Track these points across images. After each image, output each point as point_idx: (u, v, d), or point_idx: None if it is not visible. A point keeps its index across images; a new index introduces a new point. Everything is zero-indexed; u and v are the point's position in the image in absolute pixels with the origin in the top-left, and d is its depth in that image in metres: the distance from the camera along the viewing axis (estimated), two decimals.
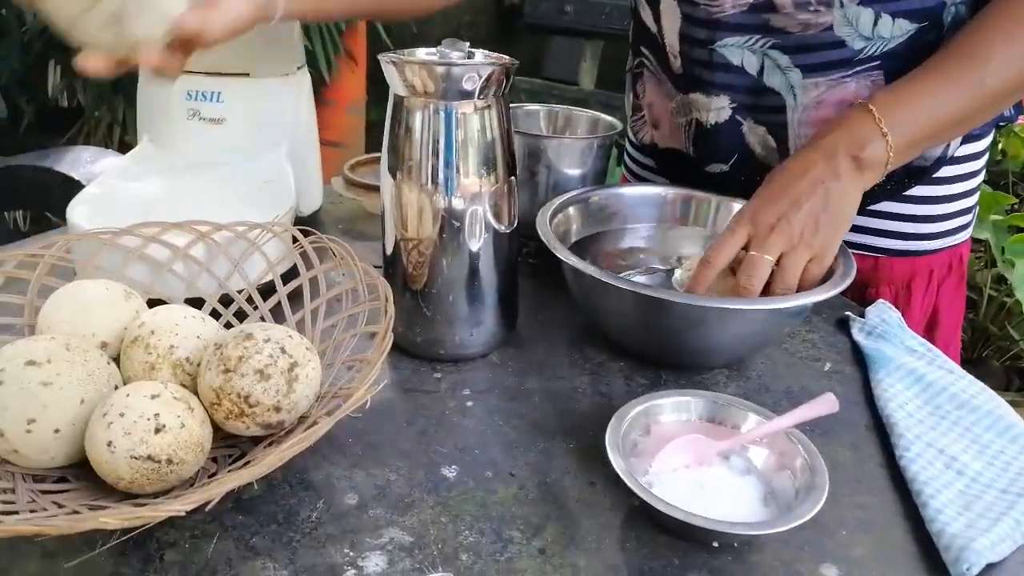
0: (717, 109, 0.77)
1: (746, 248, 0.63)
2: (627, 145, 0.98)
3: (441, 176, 0.60)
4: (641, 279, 0.75)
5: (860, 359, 0.71)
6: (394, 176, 0.62)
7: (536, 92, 2.11)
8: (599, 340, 0.70)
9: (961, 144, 0.77)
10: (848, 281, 0.63)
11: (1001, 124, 0.80)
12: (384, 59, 0.58)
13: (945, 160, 0.77)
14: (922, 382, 0.65)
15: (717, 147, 0.81)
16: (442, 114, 0.59)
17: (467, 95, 0.59)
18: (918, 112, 0.63)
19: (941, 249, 0.82)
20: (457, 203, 0.61)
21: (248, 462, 0.49)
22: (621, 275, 0.70)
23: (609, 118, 0.86)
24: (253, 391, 0.48)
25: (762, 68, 0.74)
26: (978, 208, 0.85)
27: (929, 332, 0.84)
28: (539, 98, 0.85)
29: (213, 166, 0.81)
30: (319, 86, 2.33)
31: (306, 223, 0.88)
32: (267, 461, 0.42)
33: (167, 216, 0.67)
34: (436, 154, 0.60)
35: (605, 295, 0.64)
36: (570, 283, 0.68)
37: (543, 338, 0.71)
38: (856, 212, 0.65)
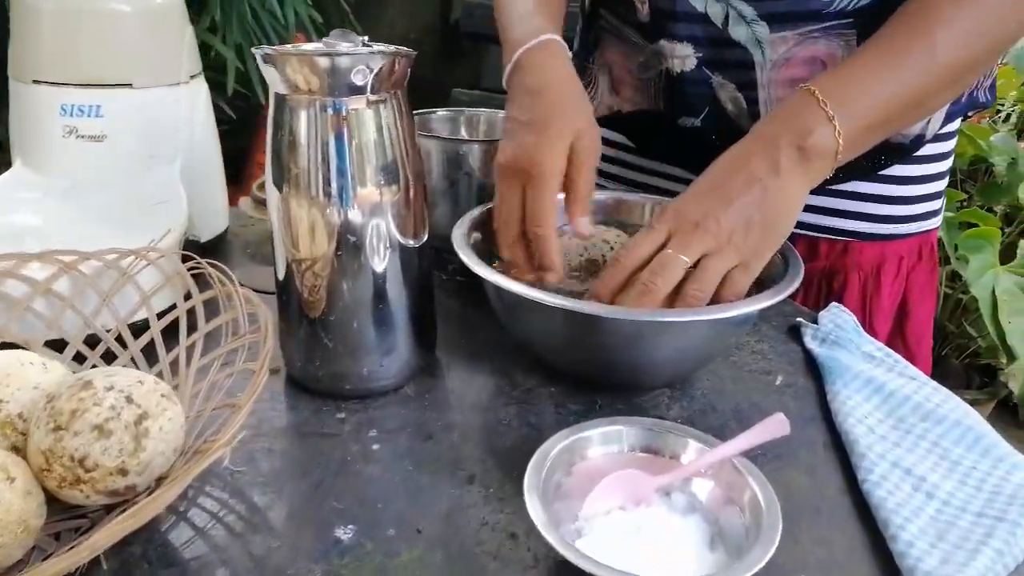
0: (682, 57, 0.73)
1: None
2: None
3: (333, 186, 0.53)
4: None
5: (814, 369, 0.64)
6: (280, 189, 0.54)
7: (476, 103, 2.04)
8: (529, 363, 0.63)
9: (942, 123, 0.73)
10: (797, 282, 0.56)
11: (976, 110, 0.74)
12: (259, 52, 0.51)
13: (925, 138, 0.72)
14: (882, 392, 0.59)
15: (686, 99, 0.76)
16: (330, 112, 0.51)
17: (358, 90, 0.51)
18: (867, 92, 0.57)
19: (912, 234, 0.77)
20: (354, 216, 0.53)
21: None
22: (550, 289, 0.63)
23: None
24: (90, 452, 0.39)
25: (727, 18, 0.69)
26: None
27: (899, 324, 0.78)
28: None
29: (96, 188, 0.72)
30: (258, 108, 2.24)
31: (209, 248, 0.80)
32: (91, 542, 0.34)
33: (43, 248, 0.58)
34: (326, 160, 0.52)
35: (530, 313, 0.57)
36: (493, 302, 0.60)
37: (466, 364, 0.63)
38: (800, 211, 0.58)
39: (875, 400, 0.59)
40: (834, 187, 0.74)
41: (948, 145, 0.75)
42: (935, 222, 0.78)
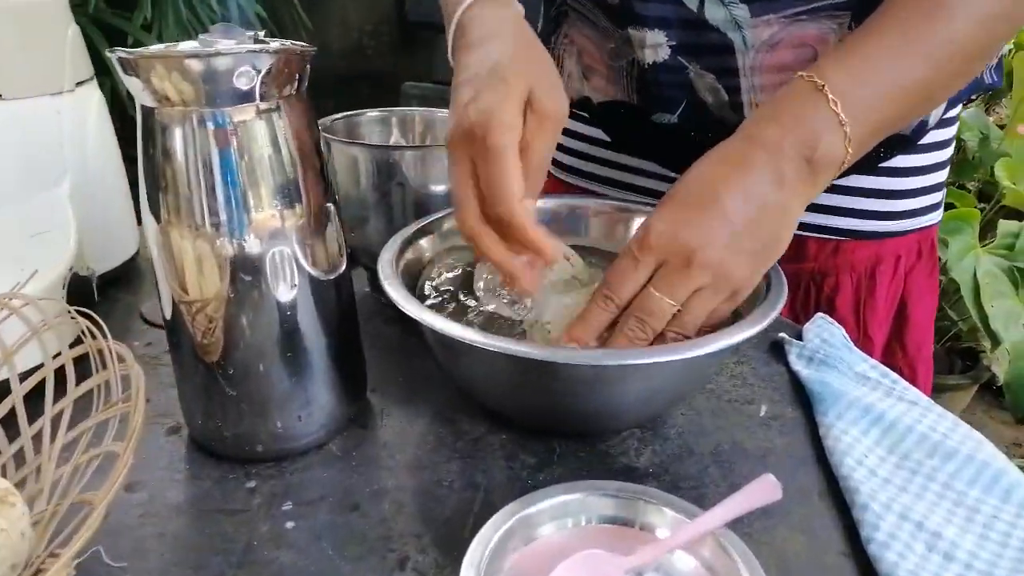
0: (654, 47, 0.63)
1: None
2: None
3: (222, 213, 0.43)
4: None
5: (802, 395, 0.57)
6: (157, 218, 0.44)
7: (427, 97, 1.94)
8: (476, 405, 0.54)
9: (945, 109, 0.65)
10: (781, 304, 0.48)
11: (981, 92, 0.67)
12: (113, 56, 0.41)
13: (928, 126, 0.64)
14: (882, 422, 0.52)
15: (661, 92, 0.67)
16: (210, 126, 0.42)
17: (244, 97, 0.42)
18: (882, 87, 0.48)
19: (910, 231, 0.69)
20: (250, 247, 0.44)
21: None
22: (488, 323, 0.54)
23: None
24: None
25: (703, 3, 0.60)
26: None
27: (898, 330, 0.71)
28: (431, 104, 0.71)
29: None
30: None
31: (113, 279, 0.70)
32: None
33: None
34: (209, 184, 0.43)
35: (470, 358, 0.48)
36: (430, 343, 0.51)
37: (403, 409, 0.55)
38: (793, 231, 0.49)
39: (874, 433, 0.51)
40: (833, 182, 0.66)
41: (950, 131, 0.67)
42: (936, 216, 0.70)
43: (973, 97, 0.69)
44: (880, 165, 0.65)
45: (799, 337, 0.63)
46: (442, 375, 0.57)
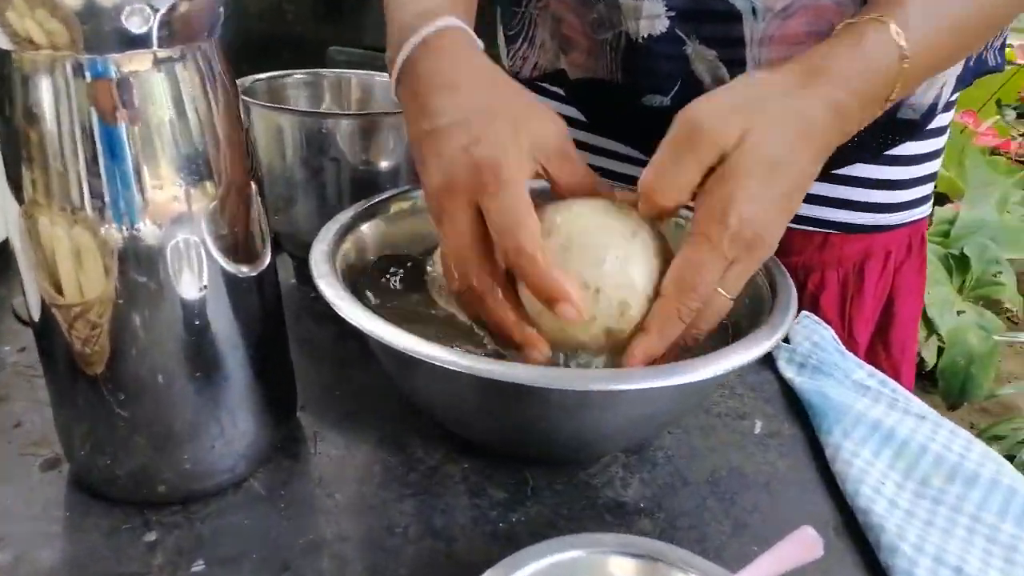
0: (651, 17, 0.55)
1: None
2: None
3: (107, 192, 0.33)
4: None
5: (796, 405, 0.50)
6: (19, 198, 0.34)
7: (356, 63, 1.79)
8: (432, 424, 0.45)
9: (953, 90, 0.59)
10: (792, 314, 0.42)
11: (983, 74, 0.61)
12: None
13: (937, 109, 0.58)
14: (893, 441, 0.46)
15: (653, 71, 0.58)
16: (89, 77, 0.32)
17: (137, 41, 0.32)
18: (942, 23, 0.43)
19: (901, 224, 0.63)
20: (146, 235, 0.34)
21: None
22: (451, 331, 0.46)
23: None
24: None
25: None
26: None
27: (883, 330, 0.66)
28: (361, 70, 0.61)
29: None
30: None
31: None
32: None
33: None
34: (89, 153, 0.32)
35: (432, 379, 0.40)
36: (376, 354, 0.42)
37: (342, 431, 0.45)
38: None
39: (886, 455, 0.45)
40: (832, 171, 0.60)
41: (950, 116, 0.62)
42: (926, 209, 0.65)
43: (975, 79, 0.63)
44: (887, 153, 0.59)
45: (785, 339, 0.56)
46: (387, 385, 0.48)
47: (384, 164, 0.55)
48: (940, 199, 1.81)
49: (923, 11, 0.42)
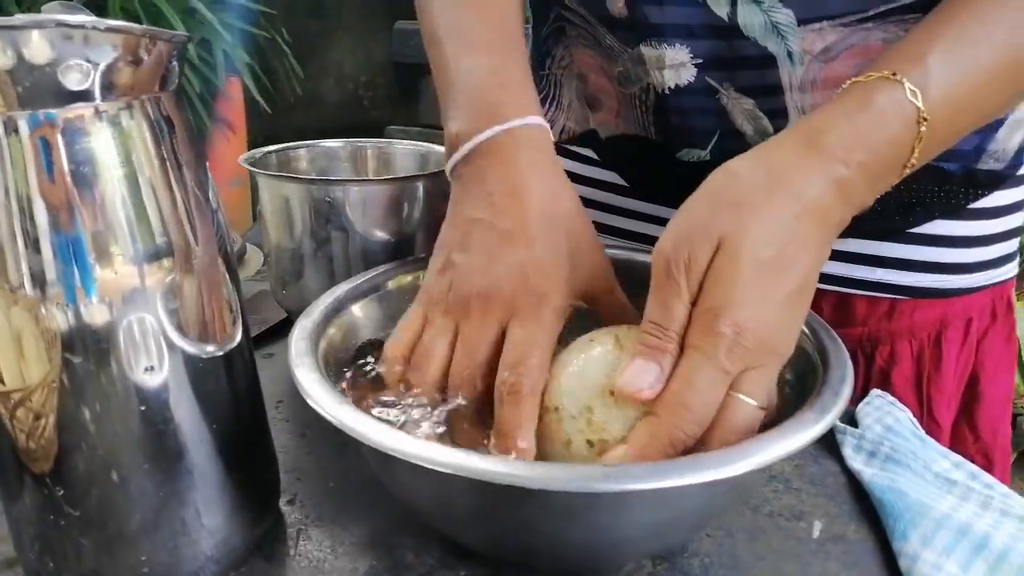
0: (675, 67, 0.51)
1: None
2: None
3: (48, 266, 0.30)
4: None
5: (866, 503, 0.42)
6: None
7: (411, 140, 1.81)
8: (427, 523, 0.40)
9: None
10: (846, 393, 0.35)
11: None
12: None
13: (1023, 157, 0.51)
14: (986, 552, 0.37)
15: (685, 123, 0.54)
16: (24, 133, 0.29)
17: (80, 96, 0.29)
18: (964, 77, 0.37)
19: (982, 287, 0.55)
20: (92, 316, 0.31)
21: None
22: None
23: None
24: None
25: (735, 5, 0.47)
26: None
27: (968, 411, 0.57)
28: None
29: None
30: None
31: None
32: None
33: None
34: (25, 221, 0.30)
35: (421, 481, 0.34)
36: (364, 454, 0.37)
37: (329, 531, 0.40)
38: None
39: (979, 569, 0.37)
40: (903, 230, 0.53)
41: None
42: (1012, 268, 0.57)
43: None
44: (969, 207, 0.52)
45: (852, 422, 0.49)
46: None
47: (397, 234, 0.52)
48: None
49: (945, 63, 0.37)
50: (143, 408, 0.33)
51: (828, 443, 0.48)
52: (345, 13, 3.15)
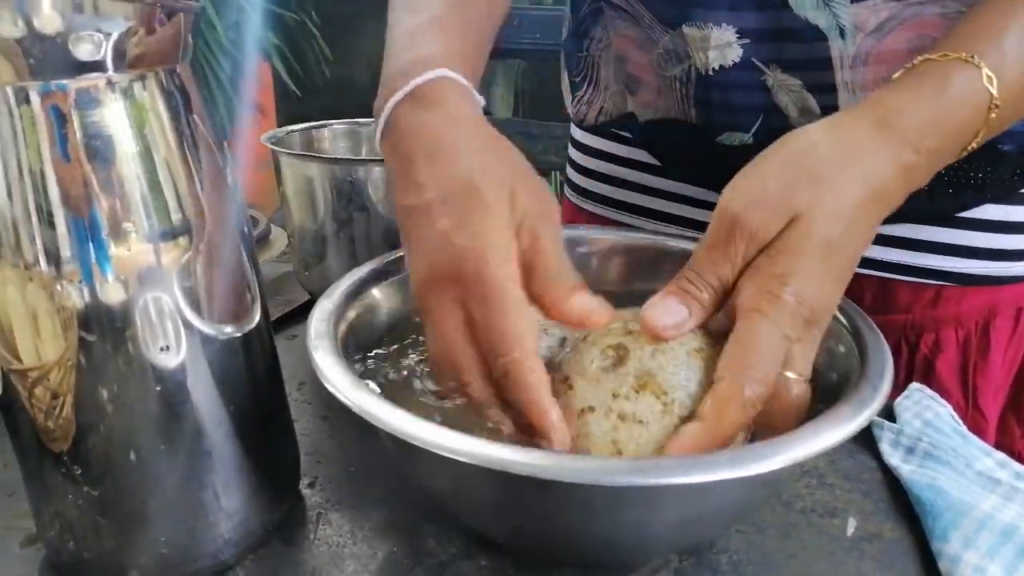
0: (720, 47, 0.49)
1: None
2: (571, 154, 0.69)
3: (63, 243, 0.30)
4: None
5: (904, 501, 0.41)
6: None
7: None
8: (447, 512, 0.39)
9: None
10: (886, 386, 0.33)
11: None
12: None
13: None
14: None
15: (729, 107, 0.52)
16: (35, 103, 0.28)
17: (92, 66, 0.29)
18: None
19: None
20: (108, 294, 0.30)
21: None
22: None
23: None
24: None
25: None
26: None
27: (1017, 402, 0.54)
28: None
29: None
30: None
31: None
32: None
33: None
34: (42, 192, 0.29)
35: (439, 469, 0.33)
36: (383, 440, 0.36)
37: (349, 514, 0.40)
38: None
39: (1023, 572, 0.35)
40: (952, 215, 0.51)
41: None
42: None
43: None
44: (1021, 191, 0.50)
45: (890, 416, 0.47)
46: None
47: None
48: None
49: (1020, 47, 0.35)
50: (159, 388, 0.32)
51: (864, 437, 0.46)
52: None
